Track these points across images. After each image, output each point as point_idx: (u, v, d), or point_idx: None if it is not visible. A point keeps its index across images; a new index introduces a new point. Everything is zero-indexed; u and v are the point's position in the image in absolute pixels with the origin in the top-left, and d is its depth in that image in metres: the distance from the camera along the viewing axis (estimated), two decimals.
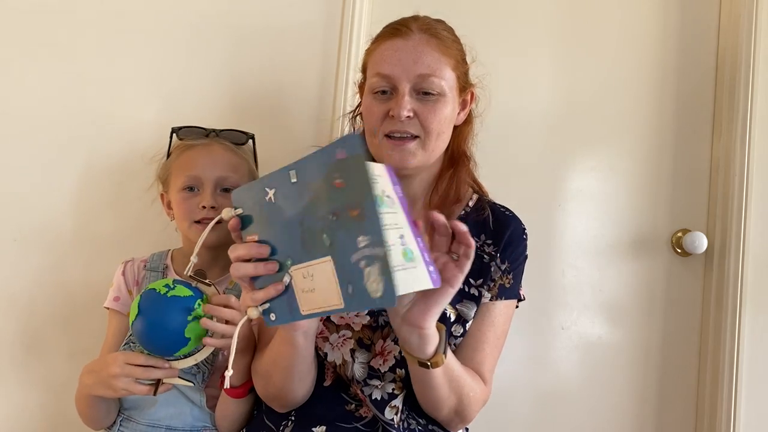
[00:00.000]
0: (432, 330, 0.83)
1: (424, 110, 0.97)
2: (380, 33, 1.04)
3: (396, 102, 0.97)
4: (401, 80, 0.97)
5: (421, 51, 0.98)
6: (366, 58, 1.06)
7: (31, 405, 1.33)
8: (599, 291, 1.44)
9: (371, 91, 1.00)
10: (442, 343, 0.86)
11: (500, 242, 1.03)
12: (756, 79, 1.39)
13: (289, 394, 0.96)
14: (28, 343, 1.33)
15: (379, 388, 0.98)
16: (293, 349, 0.89)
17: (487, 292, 1.02)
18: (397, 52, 0.98)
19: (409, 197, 1.06)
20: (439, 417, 0.98)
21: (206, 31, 1.38)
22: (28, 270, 1.33)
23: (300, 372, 0.93)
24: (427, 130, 0.98)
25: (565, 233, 1.44)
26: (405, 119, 0.96)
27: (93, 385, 1.01)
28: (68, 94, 1.34)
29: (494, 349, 1.03)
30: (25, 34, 1.35)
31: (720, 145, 1.44)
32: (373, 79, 0.99)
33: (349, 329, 1.00)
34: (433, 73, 0.97)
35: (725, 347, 1.38)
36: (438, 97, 0.98)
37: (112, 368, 0.96)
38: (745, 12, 1.41)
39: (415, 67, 0.97)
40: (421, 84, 0.97)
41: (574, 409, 1.43)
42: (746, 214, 1.38)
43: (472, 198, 1.09)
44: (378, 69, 0.99)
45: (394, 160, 0.98)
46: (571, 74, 1.46)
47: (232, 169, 1.15)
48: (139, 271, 1.17)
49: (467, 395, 0.94)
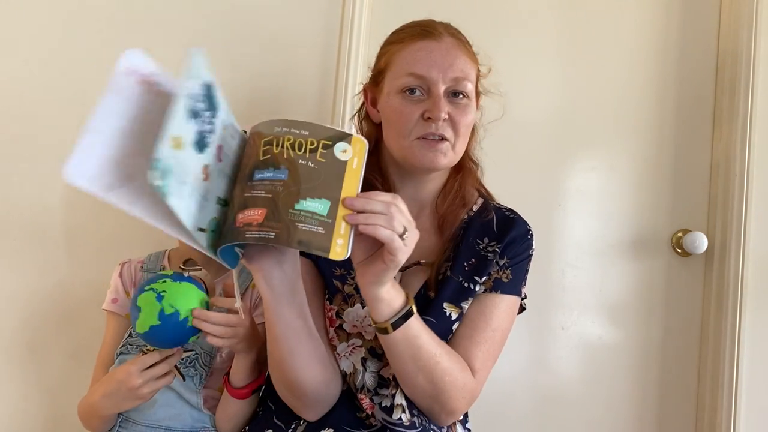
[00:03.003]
0: (376, 294, 0.84)
1: (456, 113, 0.98)
2: (402, 34, 1.03)
3: (434, 104, 0.96)
4: (437, 82, 0.97)
5: (455, 55, 0.98)
6: (387, 59, 1.03)
7: (31, 405, 1.33)
8: (599, 291, 1.44)
9: (399, 90, 0.98)
10: (398, 314, 0.86)
11: (503, 241, 1.03)
12: (756, 79, 1.40)
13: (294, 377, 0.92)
14: (27, 343, 1.33)
15: (389, 396, 0.98)
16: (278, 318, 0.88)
17: (481, 285, 1.01)
18: (432, 53, 0.97)
19: (419, 202, 1.06)
20: (419, 404, 0.97)
21: (206, 30, 1.38)
22: (27, 270, 1.33)
23: (297, 349, 0.90)
24: (458, 132, 0.99)
25: (565, 233, 1.44)
26: (442, 122, 0.97)
27: (115, 405, 1.02)
28: (67, 94, 1.34)
29: (487, 341, 1.00)
30: (20, 33, 1.35)
31: (720, 145, 1.44)
32: (405, 78, 0.98)
33: (359, 338, 1.00)
34: (466, 77, 0.99)
35: (725, 347, 1.38)
36: (468, 100, 1.00)
37: (132, 382, 0.97)
38: (745, 12, 1.41)
39: (451, 71, 0.97)
40: (455, 87, 0.98)
41: (574, 409, 1.43)
42: (746, 214, 1.39)
43: (477, 202, 1.10)
44: (411, 69, 0.97)
45: (427, 160, 0.98)
46: (571, 74, 1.46)
47: None
48: (136, 272, 1.17)
49: (441, 378, 0.92)
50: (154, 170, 0.64)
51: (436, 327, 0.98)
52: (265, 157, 0.76)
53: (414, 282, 1.02)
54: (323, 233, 0.73)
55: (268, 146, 0.76)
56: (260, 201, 0.74)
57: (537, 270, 1.39)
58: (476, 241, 1.04)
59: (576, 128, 1.45)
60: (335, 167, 0.76)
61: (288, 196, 0.74)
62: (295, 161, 0.75)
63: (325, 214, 0.74)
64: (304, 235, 0.73)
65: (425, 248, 1.03)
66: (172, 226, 0.72)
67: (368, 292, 0.84)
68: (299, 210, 0.73)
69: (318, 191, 0.75)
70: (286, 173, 0.75)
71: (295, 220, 0.73)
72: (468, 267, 1.02)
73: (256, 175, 0.76)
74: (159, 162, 0.65)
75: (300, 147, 0.76)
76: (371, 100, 1.08)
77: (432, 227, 1.06)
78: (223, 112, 0.78)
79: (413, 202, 1.06)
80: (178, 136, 0.68)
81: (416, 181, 1.05)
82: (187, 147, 0.70)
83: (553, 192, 1.45)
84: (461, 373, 0.95)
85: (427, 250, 1.04)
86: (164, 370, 0.98)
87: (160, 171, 0.65)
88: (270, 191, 0.74)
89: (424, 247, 1.03)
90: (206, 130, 0.74)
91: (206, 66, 0.74)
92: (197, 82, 0.73)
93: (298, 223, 0.73)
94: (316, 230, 0.73)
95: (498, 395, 1.40)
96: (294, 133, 0.76)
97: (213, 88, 0.76)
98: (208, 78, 0.75)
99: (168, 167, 0.66)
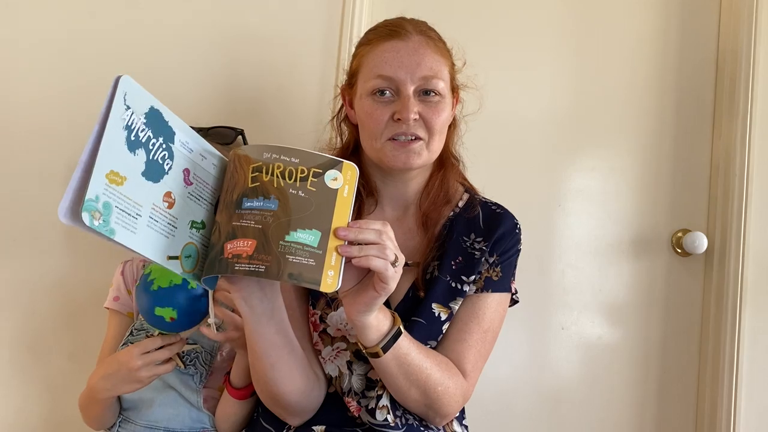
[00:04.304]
0: (365, 322, 0.84)
1: (428, 111, 0.97)
2: (371, 35, 1.03)
3: (402, 104, 0.96)
4: (405, 82, 0.96)
5: (423, 53, 0.97)
6: (358, 61, 1.03)
7: (31, 405, 1.33)
8: (599, 291, 1.44)
9: (369, 92, 0.98)
10: (386, 336, 0.87)
11: (491, 238, 1.03)
12: (756, 79, 1.40)
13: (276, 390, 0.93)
14: (28, 343, 1.33)
15: (375, 398, 0.98)
16: (259, 336, 0.88)
17: (472, 284, 1.01)
18: (399, 53, 0.97)
19: (402, 201, 1.06)
20: (412, 410, 0.98)
21: (206, 30, 1.38)
22: (27, 270, 1.33)
23: (278, 365, 0.91)
24: (432, 131, 0.98)
25: (565, 233, 1.44)
26: (412, 122, 0.96)
27: (113, 386, 1.02)
28: (66, 93, 1.34)
29: (479, 342, 1.01)
30: (20, 34, 1.35)
31: (720, 145, 1.44)
32: (374, 81, 0.97)
33: (344, 341, 1.00)
34: (435, 75, 0.97)
35: (725, 347, 1.38)
36: (439, 98, 0.99)
37: (133, 363, 0.97)
38: (745, 12, 1.41)
39: (419, 69, 0.96)
40: (425, 86, 0.97)
41: (574, 408, 1.43)
42: (746, 214, 1.39)
43: (463, 198, 1.09)
44: (379, 71, 0.97)
45: (400, 161, 0.97)
46: (571, 74, 1.46)
47: None
48: (138, 270, 1.17)
49: (433, 389, 0.93)
50: (86, 211, 0.63)
51: (426, 328, 0.99)
52: (255, 184, 0.75)
53: (402, 283, 1.01)
54: (314, 265, 0.72)
55: (258, 173, 0.75)
56: (250, 232, 0.73)
57: (537, 270, 1.40)
58: (462, 238, 1.04)
59: (576, 128, 1.45)
60: (326, 196, 0.75)
61: (278, 227, 0.73)
62: (286, 191, 0.74)
63: (315, 246, 0.73)
64: (295, 268, 0.72)
65: (411, 248, 1.03)
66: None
67: (357, 321, 0.84)
68: (290, 242, 0.72)
69: (308, 222, 0.74)
70: (276, 203, 0.74)
71: (285, 252, 0.72)
72: (455, 266, 1.02)
73: (245, 203, 0.75)
74: (92, 203, 0.64)
75: (290, 176, 0.75)
76: (349, 102, 1.07)
77: (417, 226, 1.05)
78: (182, 134, 0.76)
79: (396, 202, 1.06)
80: (116, 171, 0.67)
81: (397, 181, 1.05)
82: (134, 179, 0.69)
83: (553, 192, 1.45)
84: (452, 381, 0.96)
85: (414, 250, 1.03)
86: (165, 356, 0.99)
87: (96, 211, 0.64)
88: (260, 222, 0.73)
89: (410, 247, 1.03)
90: (159, 157, 0.72)
91: (142, 93, 0.71)
92: (136, 111, 0.70)
93: (288, 256, 0.72)
94: (307, 262, 0.72)
95: (498, 395, 1.40)
96: (284, 161, 0.75)
97: (159, 113, 0.73)
98: (149, 104, 0.72)
99: (107, 205, 0.65)
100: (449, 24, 1.06)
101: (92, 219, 0.64)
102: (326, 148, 1.15)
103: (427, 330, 0.99)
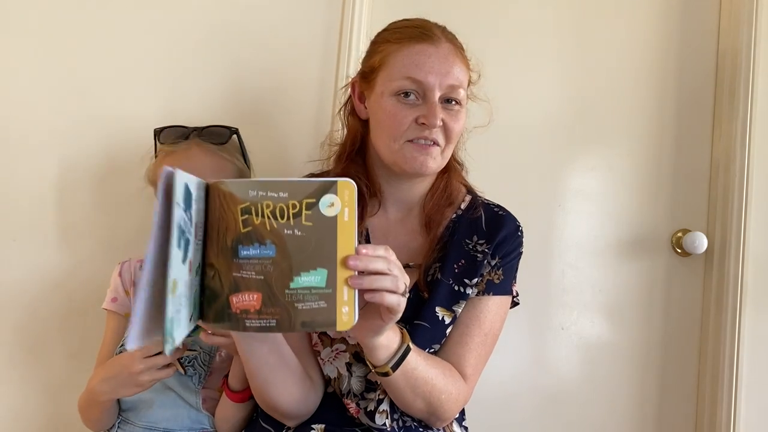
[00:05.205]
0: (375, 343, 0.84)
1: (450, 119, 0.97)
2: (398, 34, 1.00)
3: (429, 110, 0.95)
4: (434, 88, 0.96)
5: (452, 61, 0.98)
6: (381, 57, 1.00)
7: (30, 405, 1.33)
8: (599, 291, 1.44)
9: (394, 92, 0.97)
10: (395, 355, 0.86)
11: (493, 241, 1.03)
12: (756, 80, 1.39)
13: (271, 401, 0.94)
14: (27, 344, 1.33)
15: (374, 400, 0.98)
16: (251, 355, 0.88)
17: (474, 287, 1.01)
18: (430, 58, 0.96)
19: (407, 203, 1.06)
20: (414, 416, 0.99)
21: (206, 29, 1.37)
22: (27, 270, 1.33)
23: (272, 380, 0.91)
24: (450, 138, 0.99)
25: (564, 233, 1.44)
26: (438, 128, 0.96)
27: (113, 390, 1.02)
28: (67, 93, 1.34)
29: (480, 346, 1.01)
30: (18, 32, 1.34)
31: (720, 145, 1.44)
32: (402, 81, 0.96)
33: (343, 343, 1.00)
34: (461, 85, 0.99)
35: (725, 347, 1.38)
36: (459, 107, 0.99)
37: (134, 367, 0.97)
38: (745, 12, 1.40)
39: (448, 78, 0.96)
40: (449, 94, 0.98)
41: (574, 409, 1.43)
42: (746, 214, 1.38)
43: (465, 199, 1.09)
44: (409, 72, 0.96)
45: (417, 163, 0.97)
46: (571, 74, 1.46)
47: (212, 173, 1.12)
48: (135, 271, 1.17)
49: (437, 398, 0.94)
50: (167, 344, 0.60)
51: (430, 332, 0.99)
52: (247, 229, 0.69)
53: None
54: (326, 306, 0.69)
55: (247, 215, 0.69)
56: (252, 284, 0.69)
57: (537, 270, 1.40)
58: (465, 240, 1.04)
59: (576, 128, 1.45)
60: (325, 228, 0.69)
61: (280, 275, 0.69)
62: (281, 232, 0.69)
63: (323, 286, 0.69)
64: (306, 315, 0.68)
65: (414, 249, 1.04)
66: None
67: (366, 342, 0.84)
68: (295, 289, 0.68)
69: (311, 262, 0.69)
70: (273, 249, 0.69)
71: (293, 301, 0.68)
72: (458, 268, 1.01)
73: (241, 251, 0.69)
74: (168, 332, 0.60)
75: (282, 214, 0.69)
76: (359, 96, 1.05)
77: (420, 227, 1.05)
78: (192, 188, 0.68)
79: (400, 204, 1.06)
80: (174, 280, 0.61)
81: (404, 184, 1.04)
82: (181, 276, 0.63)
83: (553, 192, 1.44)
84: (454, 387, 0.96)
85: (416, 252, 1.03)
86: (166, 360, 0.98)
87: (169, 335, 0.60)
88: (260, 272, 0.69)
89: (412, 249, 1.04)
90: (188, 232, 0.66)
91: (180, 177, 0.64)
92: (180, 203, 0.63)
93: (297, 304, 0.68)
94: (318, 306, 0.68)
95: (498, 395, 1.40)
96: (272, 197, 0.69)
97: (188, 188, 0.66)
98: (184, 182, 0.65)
99: (171, 320, 0.61)
100: (449, 22, 1.06)
101: (170, 347, 0.61)
102: (328, 143, 1.15)
103: (430, 334, 0.99)
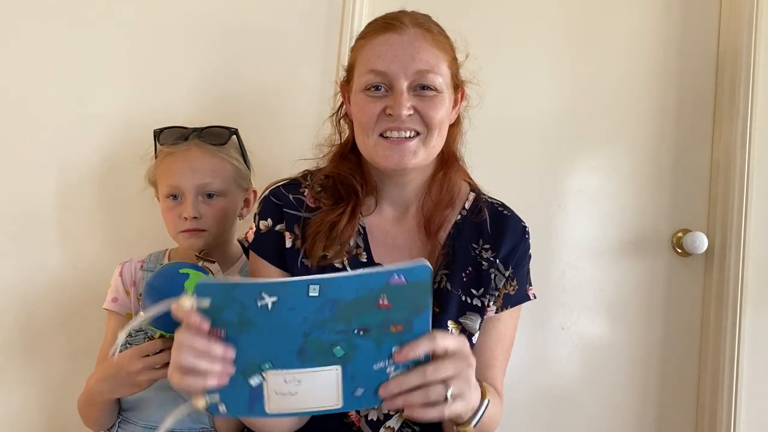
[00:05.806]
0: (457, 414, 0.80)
1: (424, 105, 0.93)
2: (368, 28, 0.98)
3: (394, 100, 0.91)
4: (398, 77, 0.92)
5: (418, 46, 0.92)
6: (354, 56, 0.99)
7: (30, 405, 1.33)
8: (599, 291, 1.44)
9: (362, 88, 0.94)
10: (477, 413, 0.83)
11: (500, 247, 1.00)
12: (756, 79, 1.39)
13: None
14: (27, 343, 1.33)
15: (376, 410, 0.96)
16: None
17: (492, 304, 0.99)
18: (392, 47, 0.92)
19: (403, 202, 1.03)
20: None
21: (206, 29, 1.37)
22: (27, 270, 1.33)
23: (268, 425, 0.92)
24: (430, 125, 0.93)
25: (565, 233, 1.44)
26: (405, 117, 0.92)
27: (112, 389, 1.01)
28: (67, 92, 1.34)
29: (504, 361, 1.03)
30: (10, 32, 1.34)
31: (720, 145, 1.44)
32: (367, 76, 0.93)
33: None
34: (431, 69, 0.93)
35: (725, 347, 1.38)
36: (436, 93, 0.94)
37: (132, 366, 0.96)
38: (745, 12, 1.41)
39: (413, 63, 0.92)
40: (420, 80, 0.92)
41: (574, 409, 1.43)
42: (746, 214, 1.38)
43: (468, 198, 1.05)
44: (371, 65, 0.93)
45: (393, 161, 0.93)
46: (572, 74, 1.46)
47: (212, 174, 1.13)
48: (136, 271, 1.17)
49: (494, 427, 0.96)
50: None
51: None
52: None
53: None
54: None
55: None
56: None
57: (537, 270, 1.38)
58: (471, 245, 1.01)
59: (576, 128, 1.45)
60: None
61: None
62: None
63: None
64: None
65: (414, 250, 1.01)
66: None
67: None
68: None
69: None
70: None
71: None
72: (466, 278, 0.99)
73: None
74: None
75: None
76: (348, 98, 1.03)
77: (419, 227, 1.02)
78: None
79: (396, 202, 1.03)
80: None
81: (396, 181, 1.00)
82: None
83: (553, 192, 1.44)
84: (500, 408, 0.98)
85: (417, 252, 1.01)
86: (165, 360, 0.97)
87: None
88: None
89: (414, 249, 1.01)
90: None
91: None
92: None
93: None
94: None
95: None
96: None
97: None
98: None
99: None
100: (448, 20, 1.03)
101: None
102: (325, 144, 1.15)
103: None
